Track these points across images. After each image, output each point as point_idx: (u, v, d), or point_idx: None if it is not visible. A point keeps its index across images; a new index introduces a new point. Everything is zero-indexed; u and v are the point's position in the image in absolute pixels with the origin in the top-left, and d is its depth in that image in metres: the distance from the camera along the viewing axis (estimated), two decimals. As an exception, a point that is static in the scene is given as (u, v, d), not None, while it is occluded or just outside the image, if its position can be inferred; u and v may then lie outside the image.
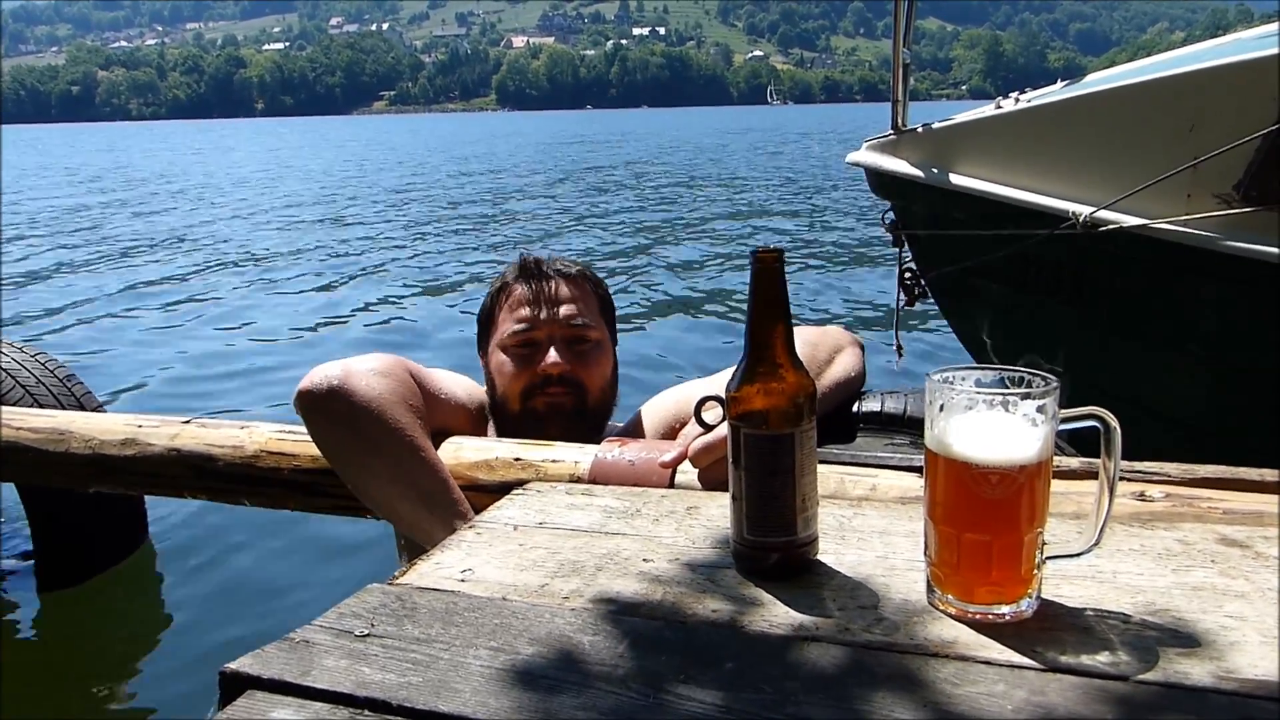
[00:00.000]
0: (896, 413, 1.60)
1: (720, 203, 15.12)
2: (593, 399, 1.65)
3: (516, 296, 1.67)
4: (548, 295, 1.65)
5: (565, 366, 1.62)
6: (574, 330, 1.65)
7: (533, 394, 1.63)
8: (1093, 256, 2.64)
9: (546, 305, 1.65)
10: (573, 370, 1.63)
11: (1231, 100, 2.33)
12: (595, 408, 1.66)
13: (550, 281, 1.67)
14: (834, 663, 0.78)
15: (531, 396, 1.63)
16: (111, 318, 7.26)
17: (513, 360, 1.64)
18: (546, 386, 1.62)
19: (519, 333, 1.64)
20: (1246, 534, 1.01)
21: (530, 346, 1.64)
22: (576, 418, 1.63)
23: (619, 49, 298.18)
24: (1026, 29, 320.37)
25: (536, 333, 1.64)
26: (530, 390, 1.63)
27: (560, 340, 1.64)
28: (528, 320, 1.64)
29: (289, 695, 0.76)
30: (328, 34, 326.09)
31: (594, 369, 1.66)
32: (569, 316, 1.65)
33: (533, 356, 1.63)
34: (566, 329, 1.65)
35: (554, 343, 1.63)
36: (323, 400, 1.44)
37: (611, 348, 1.74)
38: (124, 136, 69.61)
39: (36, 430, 1.90)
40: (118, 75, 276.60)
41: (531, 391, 1.63)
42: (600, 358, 1.68)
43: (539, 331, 1.64)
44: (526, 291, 1.66)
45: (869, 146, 3.37)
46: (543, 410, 1.62)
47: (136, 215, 14.61)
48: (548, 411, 1.62)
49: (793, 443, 0.91)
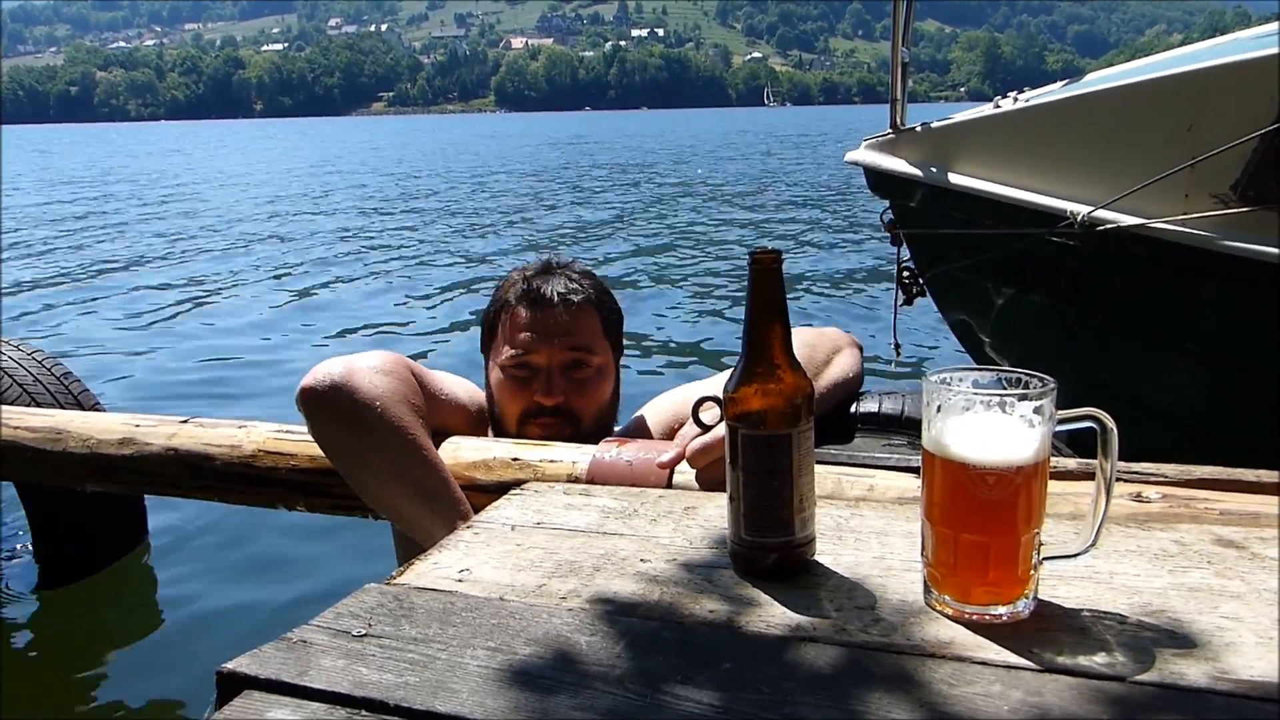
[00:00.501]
0: (894, 413, 1.60)
1: (715, 204, 15.13)
2: (588, 426, 1.64)
3: (518, 320, 1.64)
4: (548, 321, 1.62)
5: (560, 399, 1.60)
6: (573, 355, 1.63)
7: (528, 420, 1.62)
8: (1090, 256, 2.65)
9: (546, 332, 1.62)
10: (568, 401, 1.61)
11: (1229, 100, 2.33)
12: (591, 432, 1.64)
13: (553, 308, 1.63)
14: (831, 663, 0.78)
15: (526, 423, 1.62)
16: (109, 316, 7.26)
17: (510, 382, 1.63)
18: (541, 416, 1.61)
19: (517, 356, 1.62)
20: (1243, 535, 1.01)
21: (527, 369, 1.62)
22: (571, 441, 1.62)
23: (617, 50, 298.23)
24: (1025, 31, 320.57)
25: (535, 358, 1.62)
26: (525, 416, 1.62)
27: (558, 367, 1.62)
28: (525, 346, 1.62)
29: (286, 695, 0.76)
30: (326, 35, 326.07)
31: (591, 396, 1.64)
32: (568, 344, 1.62)
33: (530, 380, 1.62)
34: (564, 354, 1.62)
35: (551, 371, 1.61)
36: (325, 397, 1.44)
37: (614, 368, 1.71)
38: (121, 136, 69.57)
39: (34, 429, 1.89)
40: (116, 76, 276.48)
41: (526, 418, 1.62)
42: (599, 383, 1.66)
43: (538, 357, 1.62)
44: (527, 316, 1.63)
45: (868, 145, 3.37)
46: (535, 436, 1.61)
47: (135, 214, 14.60)
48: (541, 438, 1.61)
49: (790, 443, 0.91)
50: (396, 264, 9.58)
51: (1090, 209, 2.53)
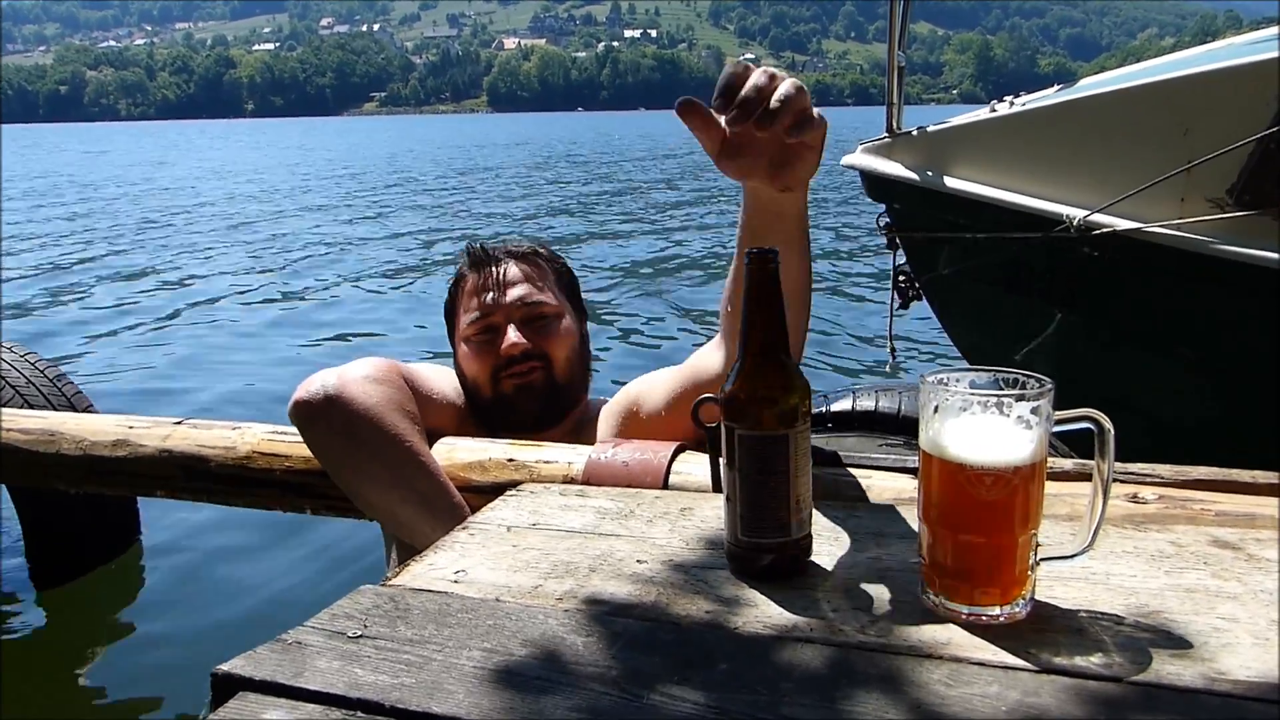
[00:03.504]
0: (890, 412, 1.60)
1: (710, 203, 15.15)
2: (560, 370, 1.65)
3: (470, 286, 1.68)
4: (498, 279, 1.65)
5: (526, 344, 1.61)
6: (529, 309, 1.65)
7: (500, 377, 1.62)
8: (1086, 260, 2.65)
9: (498, 288, 1.65)
10: (534, 345, 1.62)
11: (1225, 105, 2.34)
12: (565, 379, 1.65)
13: (499, 265, 1.67)
14: (827, 664, 0.77)
15: (499, 380, 1.62)
16: (103, 318, 7.24)
17: (476, 348, 1.64)
18: (511, 366, 1.61)
19: (476, 320, 1.64)
20: (1239, 536, 1.01)
21: (490, 332, 1.63)
22: (547, 392, 1.63)
23: (610, 51, 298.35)
24: (1017, 33, 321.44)
25: (494, 318, 1.63)
26: (496, 374, 1.62)
27: (518, 320, 1.64)
28: (482, 307, 1.64)
29: (281, 697, 0.76)
30: (318, 34, 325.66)
31: (556, 340, 1.65)
32: (523, 296, 1.65)
33: (494, 341, 1.63)
34: (522, 308, 1.64)
35: (511, 323, 1.63)
36: (319, 409, 1.43)
37: (576, 319, 1.73)
38: (109, 136, 69.41)
39: (27, 431, 1.88)
40: (106, 75, 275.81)
41: (498, 374, 1.62)
42: (561, 329, 1.67)
43: (495, 316, 1.63)
44: (477, 279, 1.67)
45: (864, 149, 3.37)
46: (511, 392, 1.62)
47: (129, 213, 14.56)
48: (516, 392, 1.62)
49: (787, 444, 0.91)
50: (394, 263, 9.57)
51: (1086, 213, 2.54)
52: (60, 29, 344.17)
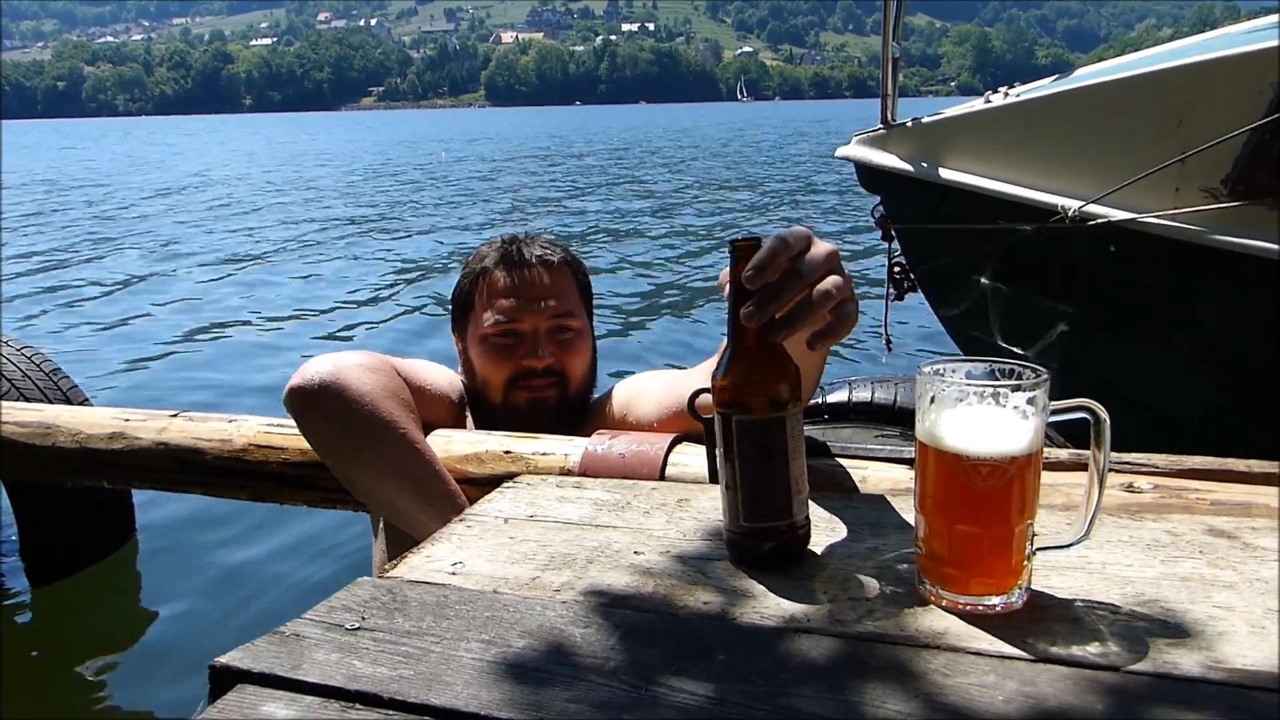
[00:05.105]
0: (886, 403, 1.60)
1: (706, 201, 15.14)
2: (574, 387, 1.64)
3: (497, 285, 1.63)
4: (530, 284, 1.62)
5: (551, 360, 1.60)
6: (557, 321, 1.63)
7: (515, 386, 1.61)
8: (1081, 250, 2.66)
9: (529, 296, 1.62)
10: (556, 360, 1.61)
11: (1219, 95, 2.34)
12: (576, 397, 1.65)
13: (532, 270, 1.63)
14: (825, 654, 0.78)
15: (514, 389, 1.61)
16: (98, 312, 7.23)
17: (495, 350, 1.62)
18: (530, 379, 1.61)
19: (501, 323, 1.61)
20: (1234, 525, 1.01)
21: (512, 337, 1.62)
22: (559, 410, 1.62)
23: (608, 45, 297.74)
24: (1015, 25, 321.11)
25: (520, 325, 1.61)
26: (513, 382, 1.61)
27: (544, 332, 1.62)
28: (510, 311, 1.61)
29: (279, 689, 0.76)
30: (315, 29, 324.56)
31: (577, 358, 1.65)
32: (553, 309, 1.63)
33: (515, 348, 1.61)
34: (550, 321, 1.63)
35: (538, 335, 1.61)
36: (315, 397, 1.43)
37: (591, 334, 1.72)
38: (104, 132, 69.20)
39: (23, 425, 1.88)
40: (104, 71, 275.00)
41: (514, 384, 1.61)
42: (582, 346, 1.66)
43: (523, 324, 1.61)
44: (508, 280, 1.63)
45: (859, 141, 3.37)
46: (524, 405, 1.61)
47: (120, 209, 14.53)
48: (530, 405, 1.61)
49: (784, 425, 0.91)
50: (392, 263, 9.56)
51: (1081, 204, 2.54)
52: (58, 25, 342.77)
